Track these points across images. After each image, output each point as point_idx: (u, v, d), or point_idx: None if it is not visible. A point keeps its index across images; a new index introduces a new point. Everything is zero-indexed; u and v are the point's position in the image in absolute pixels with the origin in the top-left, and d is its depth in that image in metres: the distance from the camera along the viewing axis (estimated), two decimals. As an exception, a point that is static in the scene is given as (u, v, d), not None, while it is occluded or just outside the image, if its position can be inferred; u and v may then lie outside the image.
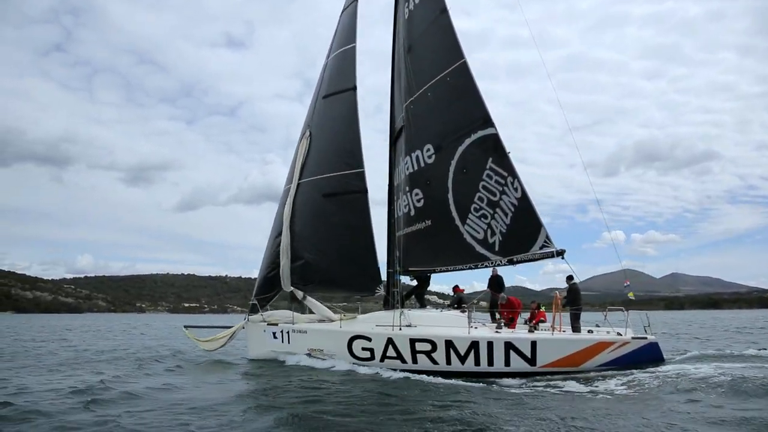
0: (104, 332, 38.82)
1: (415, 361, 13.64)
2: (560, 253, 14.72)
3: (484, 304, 17.11)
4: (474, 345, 13.12)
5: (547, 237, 14.82)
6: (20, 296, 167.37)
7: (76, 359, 17.15)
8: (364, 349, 14.30)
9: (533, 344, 12.90)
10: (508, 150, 15.29)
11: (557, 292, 15.60)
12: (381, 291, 16.10)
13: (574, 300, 14.88)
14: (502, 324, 14.66)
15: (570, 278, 15.38)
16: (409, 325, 14.23)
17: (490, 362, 12.99)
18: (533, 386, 11.74)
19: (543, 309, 16.00)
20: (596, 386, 11.31)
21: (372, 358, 14.19)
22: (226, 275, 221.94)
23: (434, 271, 16.27)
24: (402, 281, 16.70)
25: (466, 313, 14.43)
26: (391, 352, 13.91)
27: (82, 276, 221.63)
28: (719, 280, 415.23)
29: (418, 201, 16.49)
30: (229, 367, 15.39)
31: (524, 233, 15.02)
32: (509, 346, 12.97)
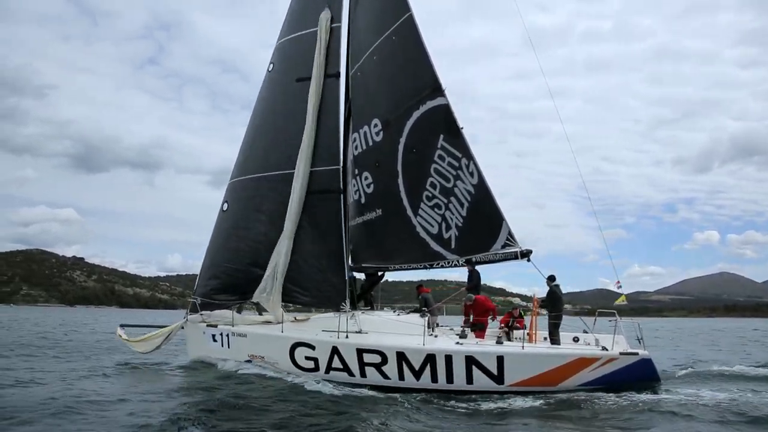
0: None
1: (363, 374, 11.50)
2: (525, 255, 11.89)
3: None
4: (430, 358, 10.87)
5: (510, 234, 12.01)
6: (122, 292, 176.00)
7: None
8: (307, 358, 12.16)
9: (500, 359, 10.59)
10: (461, 125, 12.29)
11: (536, 295, 12.81)
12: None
13: (553, 305, 12.31)
14: (466, 332, 12.14)
15: (551, 279, 12.73)
16: (359, 332, 11.98)
17: (449, 379, 10.79)
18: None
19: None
20: (561, 412, 9.35)
21: (316, 368, 12.03)
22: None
23: (388, 269, 13.89)
24: (356, 278, 14.53)
25: (426, 319, 12.09)
26: (336, 363, 11.78)
27: (173, 274, 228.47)
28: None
29: (368, 186, 13.96)
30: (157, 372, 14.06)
31: (483, 228, 12.28)
32: (471, 360, 10.69)
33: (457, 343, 11.32)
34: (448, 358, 10.75)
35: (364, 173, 14.01)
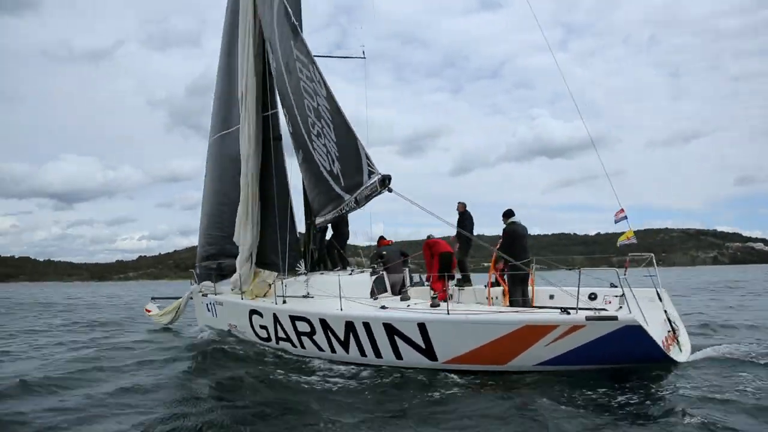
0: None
1: (302, 345, 9.71)
2: (384, 183, 8.10)
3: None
4: (350, 327, 8.64)
5: (368, 157, 8.28)
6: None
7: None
8: (261, 326, 10.78)
9: (422, 328, 7.81)
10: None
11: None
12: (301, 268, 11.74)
13: (511, 250, 8.97)
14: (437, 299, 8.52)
15: (507, 214, 9.49)
16: (306, 295, 10.23)
17: (377, 353, 8.41)
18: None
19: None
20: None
21: (269, 338, 10.58)
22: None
23: (316, 223, 11.31)
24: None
25: (373, 277, 10.05)
26: (280, 332, 10.17)
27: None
28: None
29: (287, 123, 11.46)
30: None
31: (351, 152, 8.82)
32: (392, 330, 8.10)
33: (383, 307, 8.66)
34: (368, 327, 8.35)
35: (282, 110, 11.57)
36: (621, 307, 7.99)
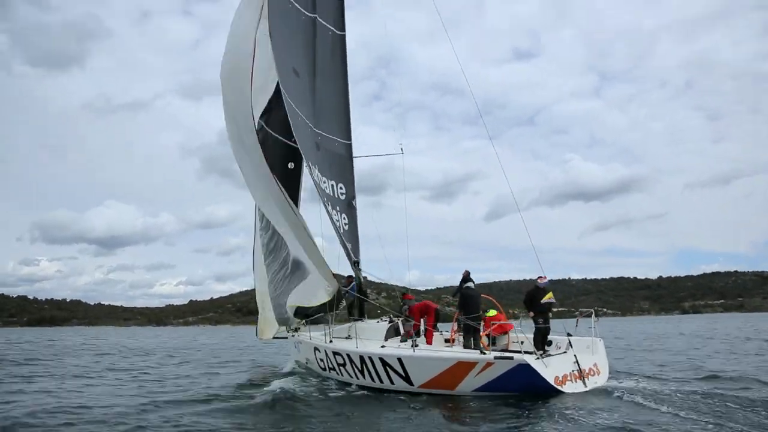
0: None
1: (340, 373, 12.70)
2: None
3: None
4: (362, 360, 11.59)
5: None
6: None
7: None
8: (319, 360, 13.85)
9: (400, 361, 10.76)
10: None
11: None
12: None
13: (464, 308, 11.95)
14: (408, 338, 12.34)
15: (465, 278, 13.23)
16: (347, 337, 13.84)
17: (380, 379, 11.24)
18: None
19: (490, 315, 12.75)
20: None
21: (324, 369, 13.68)
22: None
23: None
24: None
25: (389, 324, 13.77)
26: (328, 363, 13.25)
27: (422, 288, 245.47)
28: None
29: (345, 225, 15.53)
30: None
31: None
32: (383, 362, 11.04)
33: (382, 346, 11.80)
34: (371, 360, 11.24)
35: (342, 214, 16.05)
36: (566, 352, 10.81)
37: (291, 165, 15.58)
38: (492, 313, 12.85)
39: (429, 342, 12.51)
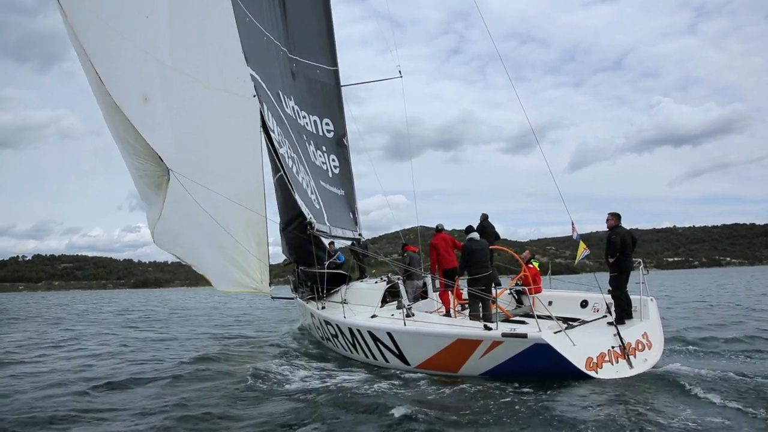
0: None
1: (335, 344, 10.80)
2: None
3: None
4: (351, 332, 9.59)
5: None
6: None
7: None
8: (316, 327, 12.24)
9: (390, 336, 8.64)
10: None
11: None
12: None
13: (467, 264, 9.12)
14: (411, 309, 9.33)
15: (467, 230, 9.80)
16: (343, 302, 10.67)
17: (373, 355, 9.16)
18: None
19: (533, 264, 10.63)
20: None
21: (322, 338, 11.88)
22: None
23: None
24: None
25: (385, 284, 10.82)
26: (324, 332, 11.29)
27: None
28: None
29: (335, 168, 13.50)
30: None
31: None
32: (373, 336, 8.97)
33: (373, 316, 9.56)
34: (359, 333, 9.28)
35: (331, 155, 14.10)
36: (605, 316, 8.69)
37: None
38: (536, 264, 10.85)
39: (447, 308, 9.84)
